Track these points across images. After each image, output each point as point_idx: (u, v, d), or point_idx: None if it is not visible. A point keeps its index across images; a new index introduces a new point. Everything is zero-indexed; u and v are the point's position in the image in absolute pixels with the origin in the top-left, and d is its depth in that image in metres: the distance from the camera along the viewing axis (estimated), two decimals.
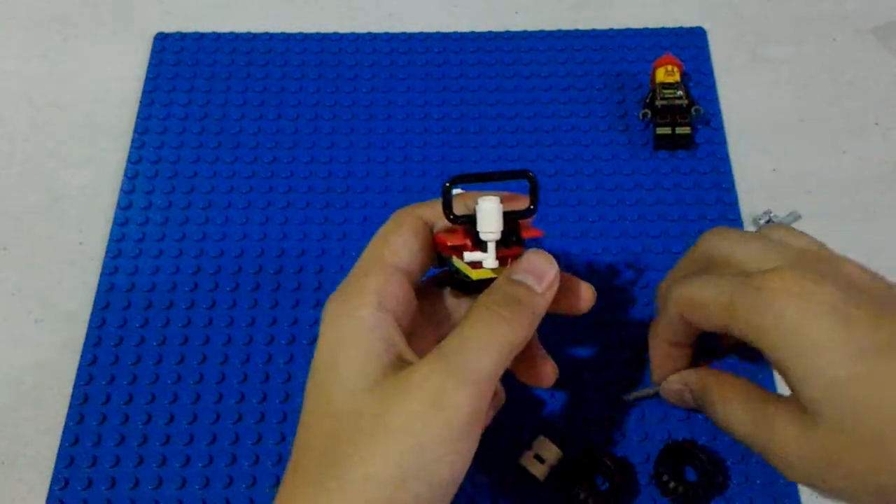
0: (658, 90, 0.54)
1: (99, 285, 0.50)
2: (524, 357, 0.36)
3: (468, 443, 0.29)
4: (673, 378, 0.42)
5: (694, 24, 0.61)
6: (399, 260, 0.33)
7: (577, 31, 0.61)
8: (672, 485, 0.42)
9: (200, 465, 0.45)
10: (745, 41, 0.60)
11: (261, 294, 0.50)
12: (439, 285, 0.37)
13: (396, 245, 0.34)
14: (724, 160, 0.54)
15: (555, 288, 0.33)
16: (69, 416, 0.46)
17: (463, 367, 0.30)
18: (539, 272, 0.33)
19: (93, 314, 0.49)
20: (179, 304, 0.50)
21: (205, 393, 0.47)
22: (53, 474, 0.44)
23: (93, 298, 0.50)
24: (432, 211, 0.35)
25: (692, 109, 0.54)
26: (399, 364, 0.31)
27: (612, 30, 0.61)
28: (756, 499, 0.43)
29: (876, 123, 0.56)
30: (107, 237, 0.52)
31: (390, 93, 0.58)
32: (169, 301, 0.50)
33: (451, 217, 0.33)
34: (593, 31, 0.61)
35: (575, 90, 0.58)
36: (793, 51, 0.60)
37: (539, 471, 0.43)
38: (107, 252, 0.52)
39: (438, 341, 0.31)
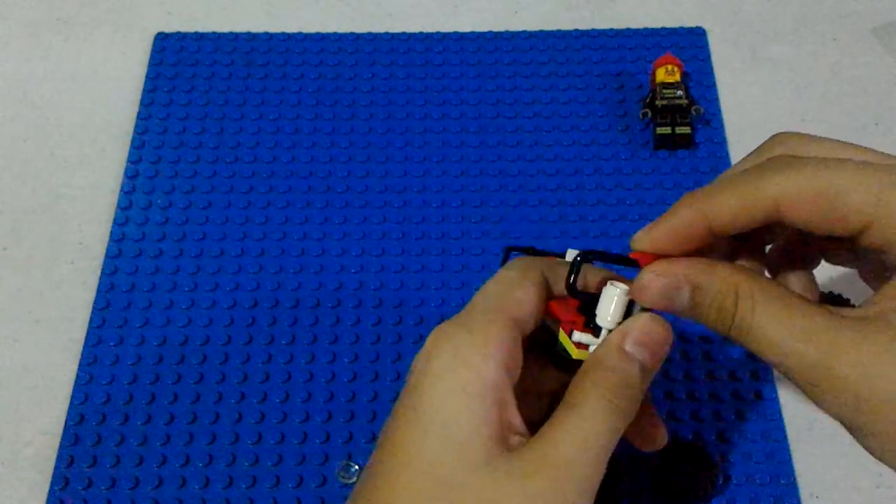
0: (658, 90, 0.54)
1: (99, 285, 0.50)
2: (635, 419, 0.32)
3: None
4: (664, 268, 0.30)
5: (694, 24, 0.61)
6: (520, 316, 0.31)
7: (577, 31, 0.61)
8: (672, 485, 0.42)
9: (200, 464, 0.45)
10: (745, 41, 0.60)
11: (261, 294, 0.50)
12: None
13: (521, 300, 0.31)
14: (724, 160, 0.54)
15: (664, 358, 0.30)
16: (69, 416, 0.46)
17: (583, 475, 0.28)
18: (655, 345, 0.30)
19: (93, 314, 0.49)
20: (179, 304, 0.50)
21: (205, 393, 0.47)
22: (53, 474, 0.44)
23: (93, 298, 0.50)
24: (554, 272, 0.33)
25: (692, 109, 0.54)
26: (507, 433, 0.29)
27: (611, 30, 0.61)
28: (756, 498, 0.43)
29: (876, 123, 0.56)
30: (107, 237, 0.52)
31: (390, 93, 0.58)
32: (169, 301, 0.50)
33: (573, 291, 0.31)
34: (593, 31, 0.61)
35: (575, 90, 0.58)
36: (793, 51, 0.60)
37: None
38: (107, 252, 0.52)
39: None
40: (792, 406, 0.46)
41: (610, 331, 0.30)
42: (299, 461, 0.45)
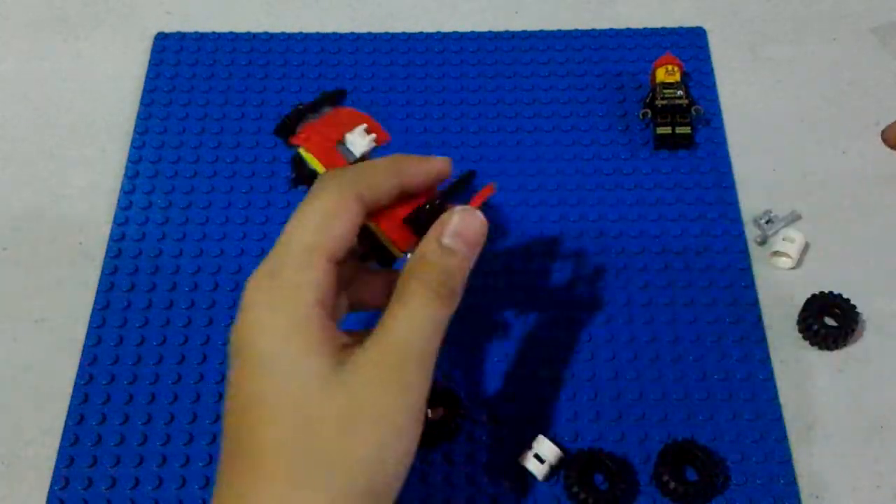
0: (658, 90, 0.54)
1: (99, 285, 0.50)
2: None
3: (423, 413, 0.31)
4: None
5: (694, 24, 0.61)
6: (337, 249, 0.32)
7: (577, 31, 0.61)
8: (672, 485, 0.42)
9: (200, 464, 0.45)
10: (745, 41, 0.60)
11: None
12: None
13: (338, 233, 0.32)
14: (724, 160, 0.54)
15: (481, 245, 0.33)
16: (69, 416, 0.46)
17: (419, 355, 0.30)
18: (471, 234, 0.32)
19: (93, 314, 0.49)
20: (179, 304, 0.50)
21: (205, 393, 0.47)
22: (53, 474, 0.44)
23: (93, 298, 0.50)
24: (368, 185, 0.33)
25: (692, 109, 0.54)
26: (342, 355, 0.30)
27: (612, 30, 0.61)
28: (756, 499, 0.43)
29: (876, 123, 0.56)
30: (107, 237, 0.52)
31: (390, 93, 0.58)
32: (169, 301, 0.50)
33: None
34: (593, 31, 0.61)
35: (575, 90, 0.58)
36: (793, 51, 0.60)
37: (539, 470, 0.43)
38: (107, 252, 0.52)
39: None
40: (792, 406, 0.46)
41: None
42: None
